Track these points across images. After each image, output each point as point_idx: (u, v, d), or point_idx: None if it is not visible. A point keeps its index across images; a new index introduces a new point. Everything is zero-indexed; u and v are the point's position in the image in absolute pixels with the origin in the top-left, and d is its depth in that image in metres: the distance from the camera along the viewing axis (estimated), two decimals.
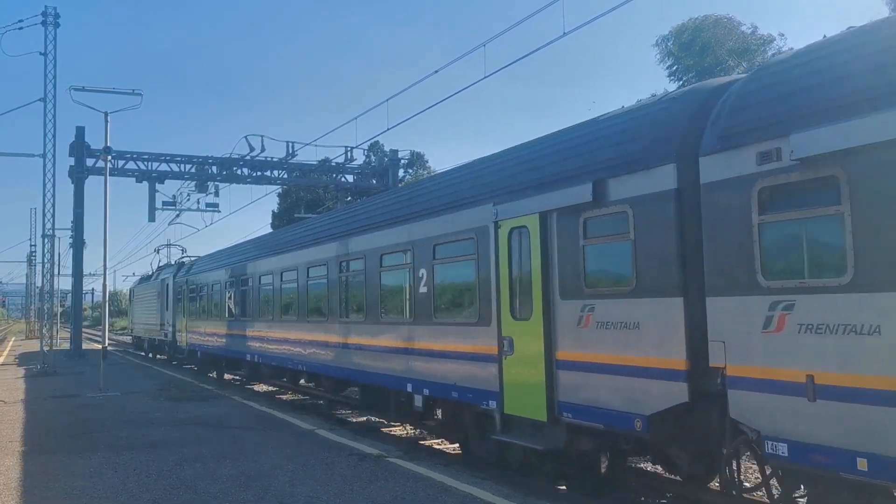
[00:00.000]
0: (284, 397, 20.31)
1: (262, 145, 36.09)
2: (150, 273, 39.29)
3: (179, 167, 37.63)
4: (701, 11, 36.29)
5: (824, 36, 7.05)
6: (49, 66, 31.20)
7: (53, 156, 31.33)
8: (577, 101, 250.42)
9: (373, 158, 43.43)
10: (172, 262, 37.07)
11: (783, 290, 5.90)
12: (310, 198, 57.57)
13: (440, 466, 9.52)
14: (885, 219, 5.28)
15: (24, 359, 33.65)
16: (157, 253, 40.85)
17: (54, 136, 31.31)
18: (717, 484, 8.04)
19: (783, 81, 6.27)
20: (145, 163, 37.01)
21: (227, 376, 25.00)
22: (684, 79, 34.83)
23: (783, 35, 34.51)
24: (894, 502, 6.02)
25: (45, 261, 33.78)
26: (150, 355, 36.74)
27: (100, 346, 21.89)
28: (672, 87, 33.90)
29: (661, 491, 8.96)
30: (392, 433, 14.10)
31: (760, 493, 7.46)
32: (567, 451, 8.41)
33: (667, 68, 36.58)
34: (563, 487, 9.14)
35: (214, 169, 37.93)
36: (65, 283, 66.52)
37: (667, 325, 6.96)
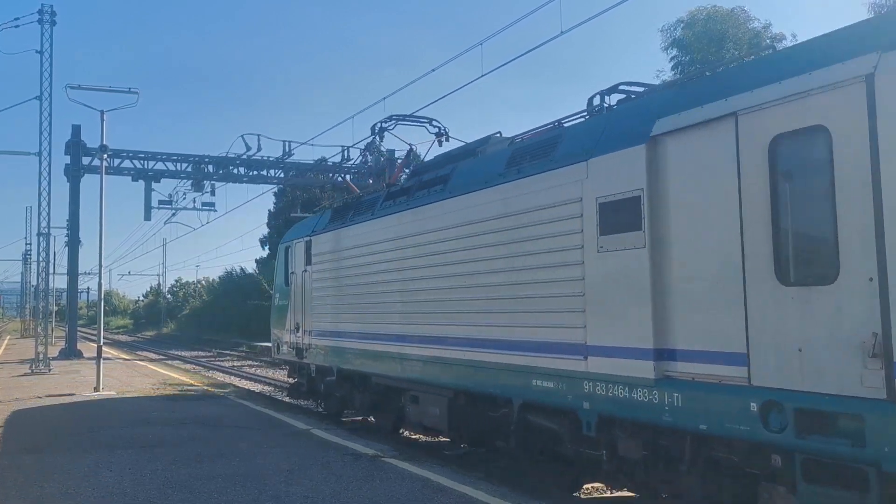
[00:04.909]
0: None
1: (259, 144, 36.09)
2: (379, 189, 14.73)
3: (175, 166, 37.61)
4: (705, 3, 35.36)
5: None
6: (45, 64, 31.01)
7: (49, 154, 31.14)
8: (574, 100, 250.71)
9: (369, 158, 43.30)
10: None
11: None
12: (306, 197, 57.57)
13: (436, 466, 9.51)
14: None
15: (18, 360, 33.52)
16: (376, 137, 16.29)
17: (50, 135, 31.11)
18: None
19: None
20: (141, 161, 36.95)
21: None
22: (689, 70, 34.51)
23: (795, 36, 33.99)
24: None
25: (41, 259, 33.63)
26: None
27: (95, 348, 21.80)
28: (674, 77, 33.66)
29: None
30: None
31: None
32: None
33: (671, 59, 36.08)
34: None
35: (211, 168, 37.87)
36: (60, 282, 66.72)
37: None
